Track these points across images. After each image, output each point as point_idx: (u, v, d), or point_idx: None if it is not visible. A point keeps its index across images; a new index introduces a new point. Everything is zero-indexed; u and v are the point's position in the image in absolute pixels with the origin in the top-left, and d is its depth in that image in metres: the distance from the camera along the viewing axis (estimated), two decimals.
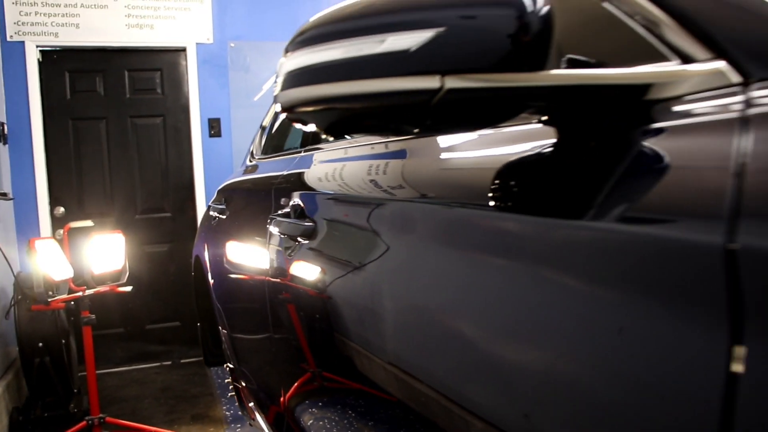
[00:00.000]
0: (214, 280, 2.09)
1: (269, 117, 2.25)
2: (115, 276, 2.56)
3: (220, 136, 3.83)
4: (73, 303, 2.76)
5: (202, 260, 2.30)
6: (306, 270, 1.14)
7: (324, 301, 1.06)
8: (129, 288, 2.56)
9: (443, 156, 0.80)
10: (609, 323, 0.46)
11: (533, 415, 0.52)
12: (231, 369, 2.12)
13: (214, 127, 3.82)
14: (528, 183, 0.61)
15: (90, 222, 2.85)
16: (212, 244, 2.15)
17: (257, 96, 3.85)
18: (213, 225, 2.19)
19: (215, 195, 2.38)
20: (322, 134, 0.67)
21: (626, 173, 0.49)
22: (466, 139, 0.74)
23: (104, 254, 2.50)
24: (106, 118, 3.69)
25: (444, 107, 0.54)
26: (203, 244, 2.31)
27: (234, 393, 2.22)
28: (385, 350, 0.80)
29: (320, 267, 1.07)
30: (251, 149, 2.31)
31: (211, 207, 2.34)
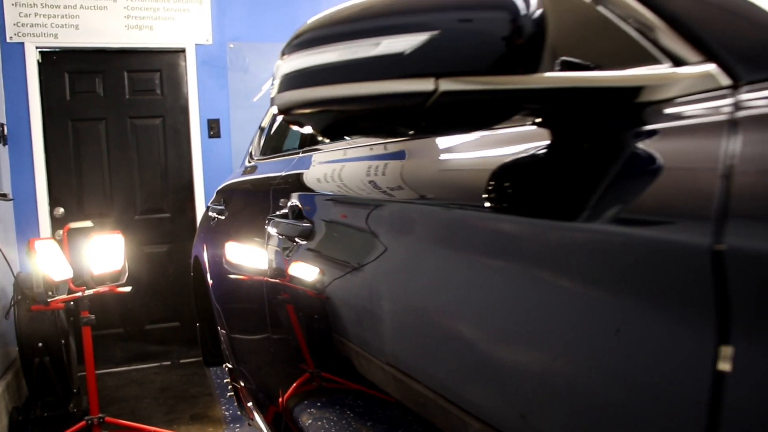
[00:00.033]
0: (213, 281, 2.09)
1: (268, 118, 2.26)
2: (115, 276, 2.56)
3: (220, 137, 3.84)
4: (73, 303, 2.76)
5: (201, 261, 2.30)
6: (304, 271, 1.15)
7: (321, 302, 1.06)
8: (128, 288, 2.56)
9: (440, 157, 0.81)
10: (602, 324, 0.46)
11: (530, 416, 0.53)
12: (230, 369, 2.13)
13: (214, 128, 3.82)
14: (520, 184, 0.61)
15: (89, 222, 2.85)
16: (211, 245, 2.16)
17: (256, 97, 3.85)
18: (212, 226, 2.20)
19: (214, 196, 2.39)
20: (318, 137, 0.67)
21: (617, 175, 0.49)
22: (462, 141, 0.75)
23: (104, 255, 2.51)
24: (106, 119, 3.70)
25: (438, 109, 0.54)
26: (202, 245, 2.31)
27: (233, 393, 2.23)
28: (383, 351, 0.80)
29: (318, 268, 1.07)
30: (250, 150, 2.31)
31: (210, 208, 2.34)
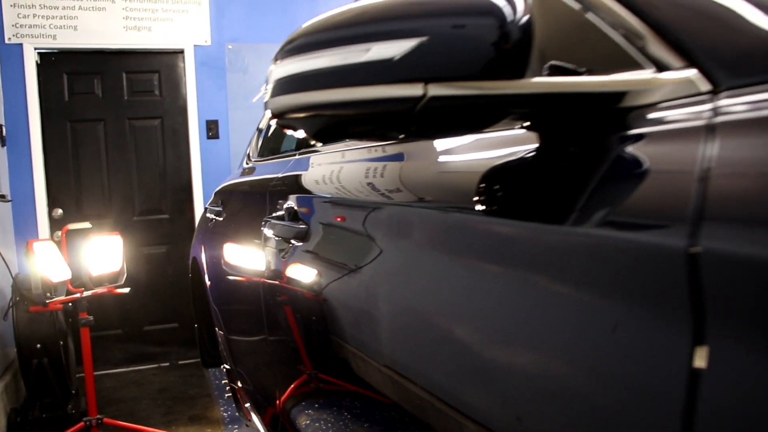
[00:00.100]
0: (211, 282, 2.10)
1: (266, 120, 2.26)
2: (113, 277, 2.57)
3: (218, 138, 3.84)
4: (71, 304, 2.77)
5: (199, 262, 2.31)
6: (299, 272, 1.15)
7: (317, 304, 1.07)
8: (127, 289, 2.56)
9: (431, 160, 0.81)
10: (586, 325, 0.47)
11: (525, 418, 0.53)
12: (227, 370, 2.13)
13: (212, 129, 3.83)
14: (507, 187, 0.62)
15: (88, 224, 2.86)
16: (209, 246, 2.16)
17: (255, 98, 3.86)
18: (210, 227, 2.20)
19: (212, 197, 2.39)
20: (311, 140, 0.68)
21: (600, 179, 0.50)
22: (451, 144, 0.76)
23: (102, 256, 2.51)
24: (104, 120, 3.70)
25: (428, 114, 0.55)
26: (200, 246, 2.32)
27: (231, 394, 2.23)
28: (380, 352, 0.80)
29: (313, 269, 1.08)
30: (248, 152, 2.32)
31: (208, 209, 2.35)
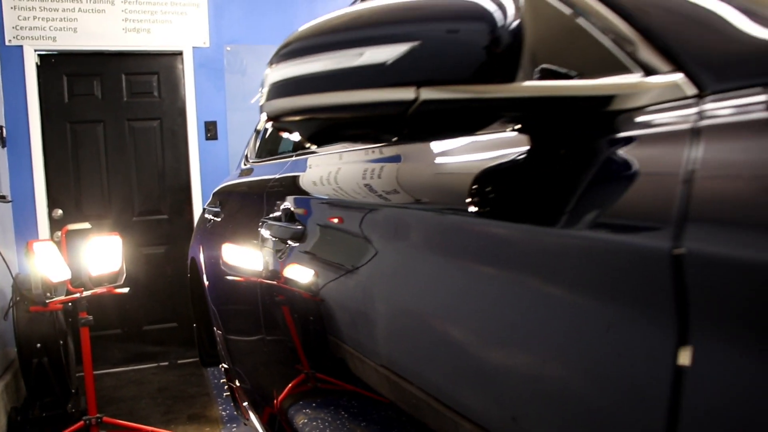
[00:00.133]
0: (209, 282, 2.12)
1: (263, 122, 2.27)
2: (113, 278, 2.58)
3: (217, 139, 3.86)
4: (71, 304, 2.78)
5: (198, 262, 2.32)
6: (295, 273, 1.17)
7: (313, 304, 1.08)
8: (126, 289, 2.58)
9: (425, 162, 0.82)
10: (577, 326, 0.48)
11: (520, 418, 0.54)
12: (226, 369, 2.15)
13: (211, 130, 3.85)
14: (497, 189, 0.63)
15: (87, 224, 2.87)
16: (207, 247, 2.18)
17: (253, 99, 3.87)
18: (208, 227, 2.22)
19: (210, 198, 2.41)
20: (306, 143, 0.70)
21: (588, 181, 0.51)
22: (445, 146, 0.77)
23: (101, 256, 2.53)
24: (104, 121, 3.72)
25: (420, 117, 0.56)
26: (198, 247, 2.33)
27: (229, 393, 2.25)
28: (376, 352, 0.81)
29: (309, 270, 1.09)
30: (246, 153, 2.34)
31: (207, 210, 2.36)
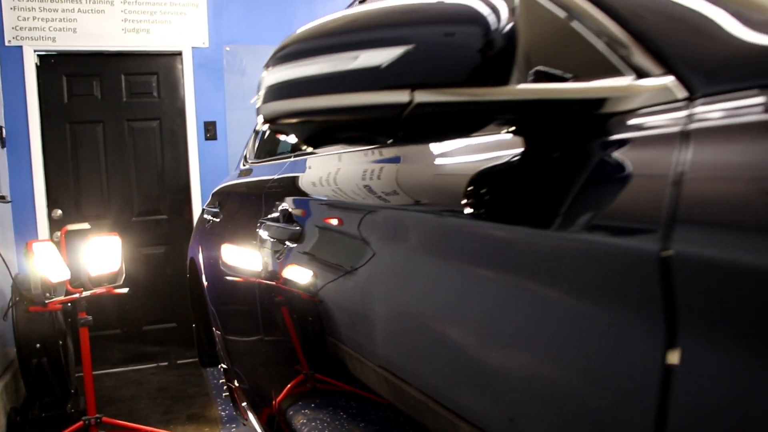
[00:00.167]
0: (208, 283, 2.12)
1: (260, 123, 2.27)
2: (112, 278, 2.59)
3: (216, 139, 3.87)
4: (70, 305, 2.79)
5: (197, 263, 2.32)
6: (293, 273, 1.17)
7: (310, 304, 1.08)
8: (125, 290, 2.58)
9: (418, 163, 0.83)
10: (575, 327, 0.48)
11: (518, 419, 0.54)
12: (225, 370, 2.15)
13: (210, 130, 3.85)
14: (491, 191, 0.64)
15: (87, 225, 2.88)
16: (206, 247, 2.18)
17: (252, 99, 3.85)
18: (207, 228, 2.22)
19: (210, 198, 2.41)
20: (302, 146, 0.70)
21: (581, 183, 0.52)
22: (440, 148, 0.77)
23: (101, 256, 2.53)
24: (103, 122, 3.73)
25: (415, 119, 0.57)
26: (197, 247, 2.34)
27: (228, 393, 2.26)
28: (374, 353, 0.81)
29: (307, 270, 1.10)
30: (245, 153, 2.34)
31: (206, 210, 2.37)
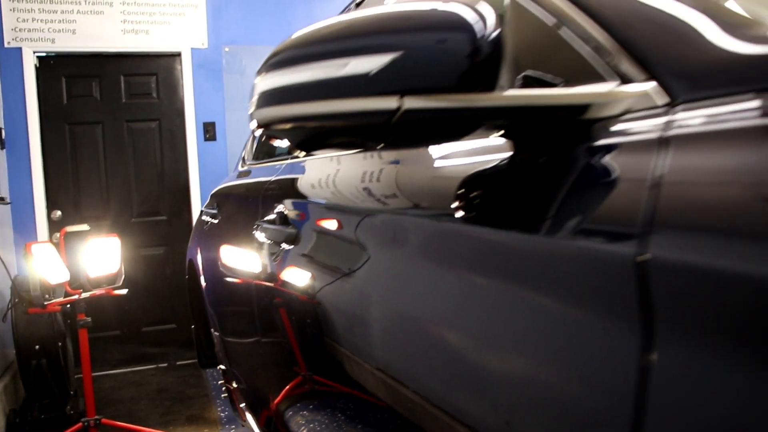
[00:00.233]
0: (206, 284, 2.12)
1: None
2: (111, 279, 2.59)
3: (215, 140, 3.87)
4: (69, 306, 2.79)
5: (195, 264, 2.33)
6: (289, 275, 1.17)
7: (306, 306, 1.09)
8: (125, 291, 2.58)
9: (418, 165, 0.83)
10: (564, 332, 0.48)
11: (514, 423, 0.54)
12: (223, 371, 2.16)
13: (209, 131, 3.85)
14: (477, 195, 0.65)
15: (86, 226, 2.88)
16: (204, 248, 2.18)
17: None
18: (205, 229, 2.22)
19: (208, 199, 2.41)
20: (295, 150, 0.70)
21: (563, 188, 0.53)
22: (432, 151, 0.78)
23: (100, 258, 2.53)
24: (102, 123, 3.73)
25: (404, 125, 0.57)
26: (196, 248, 2.34)
27: (226, 395, 2.26)
28: (371, 356, 0.81)
29: (302, 272, 1.10)
30: (243, 155, 2.34)
31: (204, 212, 2.37)
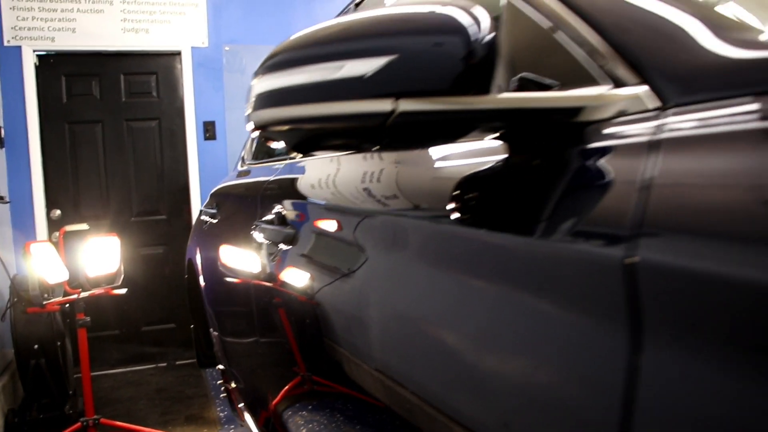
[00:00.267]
0: (205, 284, 2.12)
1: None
2: (110, 278, 2.58)
3: (215, 139, 3.86)
4: (69, 305, 2.78)
5: (195, 264, 2.32)
6: (287, 276, 1.17)
7: (303, 306, 1.08)
8: (124, 290, 2.58)
9: (414, 166, 0.83)
10: (557, 333, 0.49)
11: (512, 425, 0.54)
12: (222, 371, 2.15)
13: (209, 130, 3.85)
14: (469, 196, 0.65)
15: (85, 225, 2.87)
16: (203, 248, 2.18)
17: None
18: (204, 229, 2.22)
19: (207, 199, 2.41)
20: (291, 152, 0.70)
21: (556, 190, 0.53)
22: (425, 153, 0.78)
23: (99, 257, 2.53)
24: (102, 122, 3.72)
25: (399, 127, 0.57)
26: (195, 248, 2.33)
27: (225, 394, 2.25)
28: (370, 356, 0.81)
29: (300, 273, 1.10)
30: (242, 155, 2.34)
31: (203, 211, 2.37)
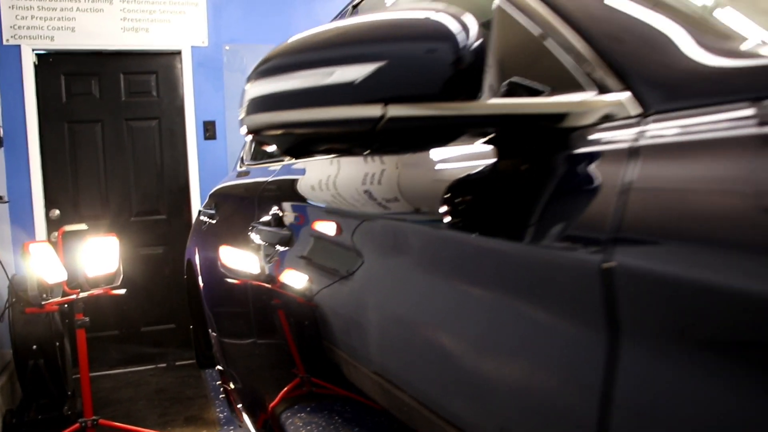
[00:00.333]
0: (204, 284, 2.11)
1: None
2: (109, 279, 2.58)
3: (215, 139, 3.85)
4: (67, 306, 2.78)
5: (194, 264, 2.32)
6: (285, 277, 1.16)
7: (301, 308, 1.08)
8: (123, 291, 2.57)
9: (399, 170, 0.83)
10: (544, 338, 0.49)
11: (506, 427, 0.54)
12: (221, 371, 2.15)
13: (209, 130, 3.84)
14: (457, 200, 0.67)
15: (84, 225, 2.87)
16: (202, 249, 2.17)
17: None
18: (203, 229, 2.21)
19: (207, 199, 2.40)
20: (284, 156, 0.70)
21: (539, 196, 0.54)
22: (426, 156, 0.77)
23: (98, 257, 2.52)
24: (102, 121, 3.72)
25: (389, 132, 0.58)
26: (194, 248, 2.33)
27: (224, 395, 2.25)
28: (369, 359, 0.81)
29: (298, 274, 1.09)
30: (241, 155, 2.33)
31: (202, 212, 2.36)
